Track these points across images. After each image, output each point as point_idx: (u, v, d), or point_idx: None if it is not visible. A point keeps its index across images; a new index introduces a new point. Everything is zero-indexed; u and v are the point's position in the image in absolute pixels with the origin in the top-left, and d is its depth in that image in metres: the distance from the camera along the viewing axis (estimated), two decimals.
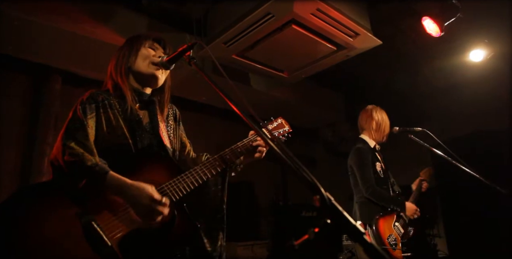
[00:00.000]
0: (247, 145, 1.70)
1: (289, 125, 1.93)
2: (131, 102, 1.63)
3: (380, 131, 3.19)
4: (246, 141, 1.71)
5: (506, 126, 4.42)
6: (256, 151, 1.72)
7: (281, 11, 2.95)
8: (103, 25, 3.32)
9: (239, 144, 1.69)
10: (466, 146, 3.63)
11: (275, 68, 4.04)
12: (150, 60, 1.68)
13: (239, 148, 1.68)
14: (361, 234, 0.78)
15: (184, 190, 1.49)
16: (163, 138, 1.67)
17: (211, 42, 3.39)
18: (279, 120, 1.93)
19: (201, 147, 2.01)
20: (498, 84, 4.40)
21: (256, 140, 1.71)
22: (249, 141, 1.71)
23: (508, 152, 4.22)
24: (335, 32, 3.28)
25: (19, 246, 1.28)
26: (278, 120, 1.93)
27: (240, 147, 1.68)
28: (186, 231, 1.49)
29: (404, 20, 3.58)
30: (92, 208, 1.38)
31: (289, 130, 1.92)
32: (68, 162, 1.39)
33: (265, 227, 5.17)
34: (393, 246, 2.82)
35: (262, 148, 1.71)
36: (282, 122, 1.92)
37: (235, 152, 1.66)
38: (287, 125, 1.93)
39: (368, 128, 3.23)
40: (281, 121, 1.93)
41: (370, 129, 3.22)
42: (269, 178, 5.30)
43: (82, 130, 1.48)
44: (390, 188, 3.13)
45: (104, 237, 1.32)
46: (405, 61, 4.54)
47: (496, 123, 4.45)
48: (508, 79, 4.33)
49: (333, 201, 0.85)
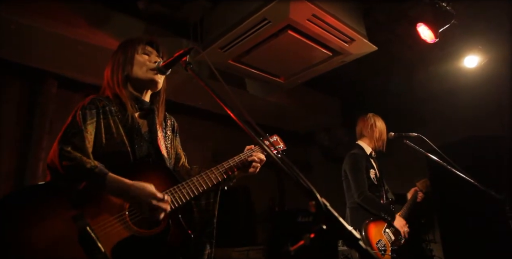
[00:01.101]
0: (244, 160, 1.71)
1: (284, 143, 1.94)
2: (131, 110, 1.63)
3: (381, 139, 3.23)
4: (243, 156, 1.72)
5: (500, 131, 4.46)
6: (250, 166, 1.72)
7: (277, 17, 2.96)
8: (100, 29, 3.32)
9: (236, 159, 1.70)
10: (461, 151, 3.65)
11: (271, 74, 4.05)
12: (147, 67, 1.68)
13: (235, 162, 1.69)
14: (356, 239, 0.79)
15: (180, 200, 1.49)
16: (161, 148, 1.67)
17: (207, 47, 3.40)
18: (274, 137, 1.94)
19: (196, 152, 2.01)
20: (493, 90, 4.44)
21: (251, 155, 1.71)
22: (246, 156, 1.72)
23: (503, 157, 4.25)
24: (331, 38, 3.31)
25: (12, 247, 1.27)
26: (274, 137, 1.93)
27: (237, 161, 1.69)
28: (180, 241, 1.48)
29: (399, 26, 3.62)
30: (88, 212, 1.37)
31: (283, 147, 1.93)
32: (66, 166, 1.39)
33: (261, 233, 5.15)
34: (382, 251, 2.82)
35: (256, 164, 1.71)
36: (277, 140, 1.93)
37: (232, 166, 1.66)
38: (282, 142, 1.93)
39: (368, 135, 3.27)
40: (276, 138, 1.93)
41: (371, 137, 3.25)
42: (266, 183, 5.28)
43: (80, 135, 1.47)
44: (383, 195, 3.14)
45: (97, 243, 1.31)
46: (401, 67, 4.57)
47: (490, 128, 4.49)
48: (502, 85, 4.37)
49: (328, 206, 0.85)
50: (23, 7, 2.92)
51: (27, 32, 3.04)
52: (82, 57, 3.46)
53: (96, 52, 3.33)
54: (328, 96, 5.63)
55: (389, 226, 2.98)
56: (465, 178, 2.60)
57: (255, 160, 1.71)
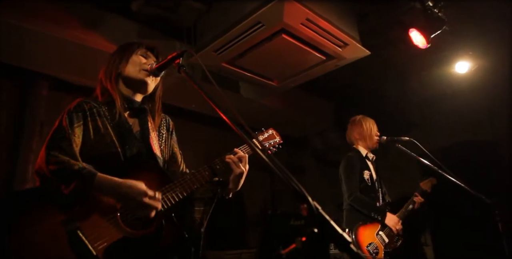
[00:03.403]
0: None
1: (280, 136, 1.93)
2: (120, 107, 1.62)
3: (370, 137, 3.24)
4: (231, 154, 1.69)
5: (490, 136, 4.51)
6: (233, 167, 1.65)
7: (271, 20, 2.97)
8: (93, 31, 3.29)
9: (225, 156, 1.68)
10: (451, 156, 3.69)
11: (264, 77, 4.06)
12: (141, 67, 1.67)
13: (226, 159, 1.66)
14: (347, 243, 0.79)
15: (172, 199, 1.48)
16: (153, 147, 1.66)
17: (201, 50, 3.40)
18: (270, 131, 1.93)
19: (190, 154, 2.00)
20: (483, 96, 4.49)
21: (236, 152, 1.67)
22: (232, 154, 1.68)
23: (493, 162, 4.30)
24: (325, 42, 3.33)
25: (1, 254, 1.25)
26: (269, 131, 1.93)
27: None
28: (174, 241, 1.47)
29: (392, 31, 3.66)
30: (79, 216, 1.35)
31: (279, 141, 1.92)
32: (53, 170, 1.37)
33: (253, 236, 5.14)
34: (373, 254, 2.82)
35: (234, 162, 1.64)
36: (273, 133, 1.93)
37: (225, 162, 1.65)
38: (278, 136, 1.93)
39: (359, 137, 3.28)
40: (272, 132, 1.93)
41: (360, 138, 3.27)
42: (258, 187, 5.28)
43: (67, 139, 1.46)
44: (379, 197, 3.15)
45: (89, 247, 1.30)
46: (393, 72, 4.61)
47: (480, 134, 4.54)
48: (492, 91, 4.43)
49: (320, 210, 0.85)
50: (15, 8, 2.90)
51: (19, 33, 3.01)
52: (74, 59, 3.43)
53: (88, 54, 3.31)
54: (321, 99, 5.66)
55: (383, 228, 2.98)
56: (456, 182, 2.62)
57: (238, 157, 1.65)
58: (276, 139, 1.91)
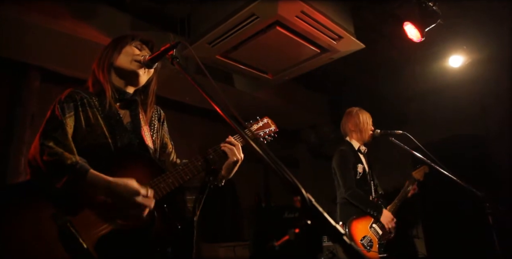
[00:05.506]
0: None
1: (275, 125, 1.93)
2: (110, 97, 1.60)
3: (365, 130, 3.23)
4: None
5: (482, 130, 4.55)
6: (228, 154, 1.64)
7: (266, 12, 2.95)
8: (85, 22, 3.25)
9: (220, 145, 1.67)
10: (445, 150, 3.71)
11: (259, 69, 4.04)
12: (133, 58, 1.65)
13: (219, 148, 1.65)
14: (340, 235, 0.79)
15: (164, 190, 1.47)
16: (145, 138, 1.65)
17: (195, 42, 3.37)
18: (265, 119, 1.92)
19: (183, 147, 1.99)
20: (476, 90, 4.52)
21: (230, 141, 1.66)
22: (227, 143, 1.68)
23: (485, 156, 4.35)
24: (319, 35, 3.32)
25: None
26: (264, 119, 1.92)
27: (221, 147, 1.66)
28: (166, 232, 1.47)
29: (387, 25, 3.65)
30: (69, 210, 1.34)
31: (275, 129, 1.92)
32: (47, 162, 1.36)
33: (247, 228, 5.16)
34: (367, 247, 2.84)
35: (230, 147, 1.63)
36: (268, 122, 1.92)
37: (218, 152, 1.64)
38: (273, 124, 1.93)
39: (353, 129, 3.27)
40: (267, 120, 1.92)
41: (355, 130, 3.26)
42: (252, 179, 5.29)
43: (61, 129, 1.45)
44: (372, 190, 3.16)
45: (79, 239, 1.29)
46: (387, 65, 4.62)
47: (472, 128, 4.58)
48: (485, 85, 4.46)
49: (313, 202, 0.86)
50: None
51: (11, 25, 2.96)
52: (66, 50, 3.39)
53: (81, 45, 3.27)
54: (316, 93, 5.66)
55: (376, 221, 3.00)
56: (448, 175, 2.65)
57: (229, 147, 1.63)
58: (271, 127, 1.91)
